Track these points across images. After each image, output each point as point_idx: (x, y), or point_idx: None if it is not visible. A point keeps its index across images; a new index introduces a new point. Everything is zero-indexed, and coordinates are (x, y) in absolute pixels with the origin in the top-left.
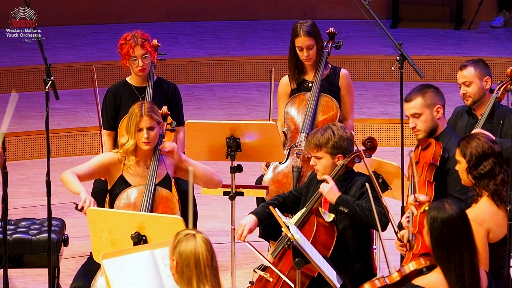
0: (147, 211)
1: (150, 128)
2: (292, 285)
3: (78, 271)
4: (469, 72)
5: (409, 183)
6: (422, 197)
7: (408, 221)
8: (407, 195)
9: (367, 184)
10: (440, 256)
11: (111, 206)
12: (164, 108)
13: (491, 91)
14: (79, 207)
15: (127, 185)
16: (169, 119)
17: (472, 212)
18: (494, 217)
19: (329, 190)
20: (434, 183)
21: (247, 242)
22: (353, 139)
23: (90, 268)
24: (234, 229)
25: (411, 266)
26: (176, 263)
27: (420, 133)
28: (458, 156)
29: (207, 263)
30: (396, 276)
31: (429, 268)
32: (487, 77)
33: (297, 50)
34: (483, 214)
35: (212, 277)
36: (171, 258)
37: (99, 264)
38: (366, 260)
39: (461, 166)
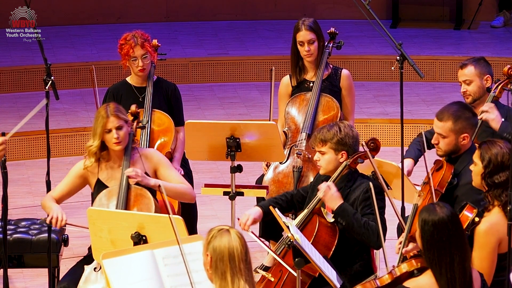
0: (122, 209)
1: (118, 128)
2: (294, 273)
3: (66, 272)
4: (469, 71)
5: (417, 197)
6: (410, 247)
7: (399, 248)
8: (408, 220)
9: (371, 186)
10: (431, 259)
11: None
12: (133, 107)
13: (489, 90)
14: (48, 221)
15: (105, 187)
16: (141, 117)
17: (487, 222)
18: (505, 228)
19: (330, 197)
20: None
21: (251, 232)
22: (358, 139)
23: (78, 270)
24: (238, 219)
25: (402, 268)
26: (211, 258)
27: (440, 151)
28: (476, 158)
29: (241, 258)
30: (387, 278)
31: (420, 270)
32: (488, 75)
33: (298, 46)
34: (497, 225)
35: (246, 271)
36: (205, 254)
37: (83, 268)
38: (366, 261)
39: (477, 169)
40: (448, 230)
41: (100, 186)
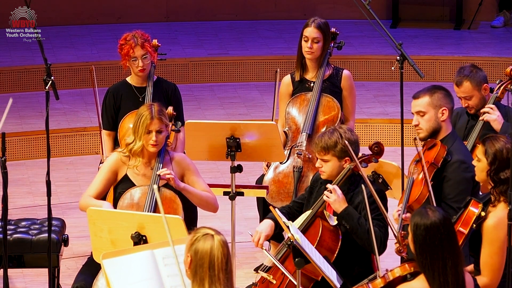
0: (150, 211)
1: (159, 131)
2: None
3: (79, 271)
4: (467, 88)
5: (407, 180)
6: (408, 215)
7: (399, 215)
8: (404, 191)
9: (365, 194)
10: (424, 263)
11: (115, 204)
12: (170, 109)
13: (491, 90)
14: None
15: (131, 184)
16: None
17: (494, 217)
18: None
19: (335, 200)
20: (432, 182)
21: (265, 249)
22: (358, 142)
23: (91, 268)
24: (251, 235)
25: (395, 272)
26: (191, 260)
27: (422, 132)
28: (480, 154)
29: (221, 267)
30: (379, 283)
31: (414, 275)
32: (485, 84)
33: (302, 41)
34: (504, 219)
35: (225, 281)
36: (187, 254)
37: (99, 265)
38: (366, 263)
39: (481, 165)
40: (440, 234)
41: (125, 182)
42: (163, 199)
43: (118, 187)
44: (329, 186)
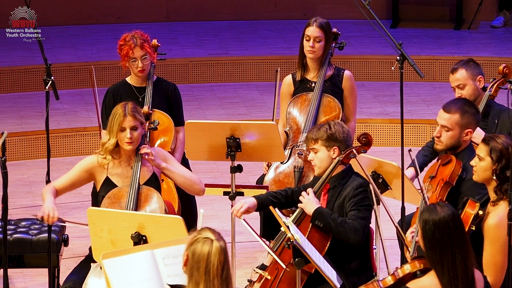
0: (132, 209)
1: (133, 128)
2: (284, 266)
3: (71, 271)
4: (462, 75)
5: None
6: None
7: (413, 237)
8: (417, 210)
9: (371, 186)
10: (434, 259)
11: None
12: (145, 108)
13: (484, 89)
14: (39, 217)
15: (113, 186)
16: (152, 118)
17: (496, 216)
18: None
19: (306, 204)
20: (446, 202)
21: (243, 219)
22: (351, 135)
23: (82, 269)
24: (232, 206)
25: (405, 269)
26: (187, 259)
27: (441, 145)
28: (483, 153)
29: (217, 273)
30: (389, 280)
31: (423, 271)
32: (480, 76)
33: (304, 40)
34: (506, 219)
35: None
36: (185, 252)
37: (90, 266)
38: (364, 259)
39: (484, 164)
40: (449, 229)
41: (108, 184)
42: (144, 196)
43: (101, 190)
44: (303, 193)
